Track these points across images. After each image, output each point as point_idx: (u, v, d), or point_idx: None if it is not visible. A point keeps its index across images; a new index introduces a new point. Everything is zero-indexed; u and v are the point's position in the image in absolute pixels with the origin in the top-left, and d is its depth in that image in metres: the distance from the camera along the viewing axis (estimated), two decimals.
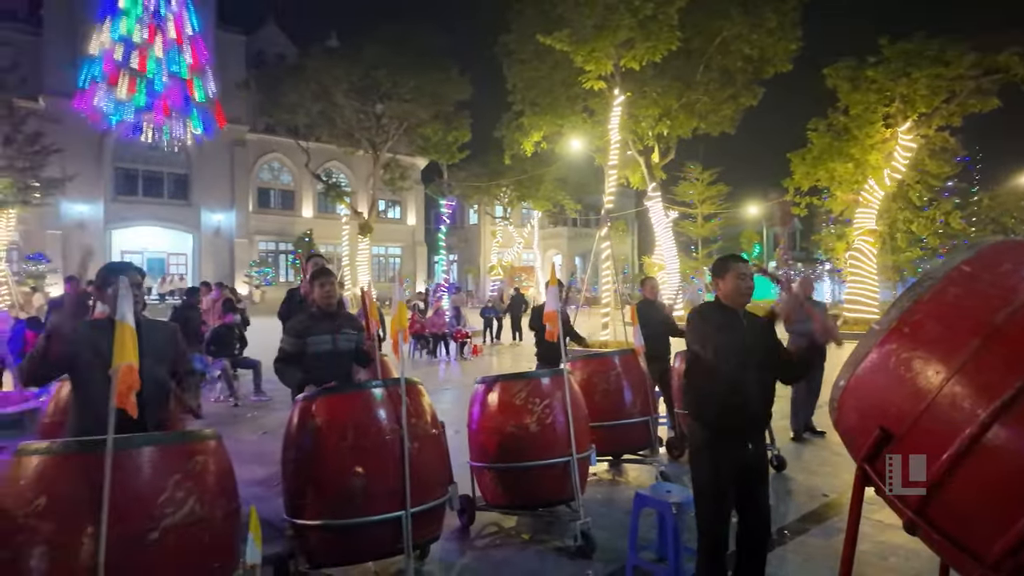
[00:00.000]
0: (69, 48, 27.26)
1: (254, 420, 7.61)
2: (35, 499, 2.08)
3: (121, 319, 2.25)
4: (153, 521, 2.12)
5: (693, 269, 34.81)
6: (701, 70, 17.90)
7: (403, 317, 3.28)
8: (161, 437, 2.36)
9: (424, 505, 2.98)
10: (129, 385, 2.20)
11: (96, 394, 2.67)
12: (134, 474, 2.17)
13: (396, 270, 40.81)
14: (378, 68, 25.90)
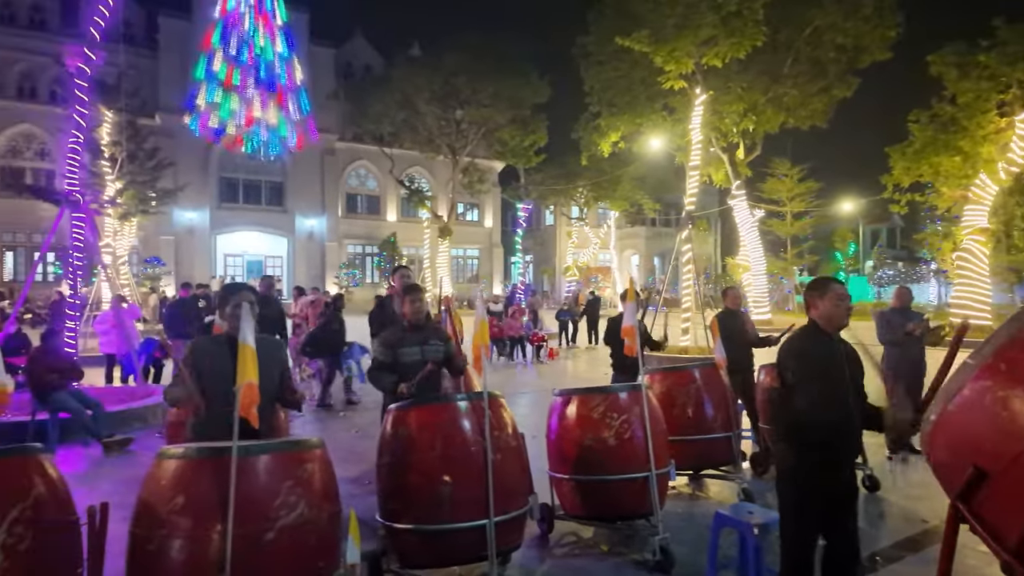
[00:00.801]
0: (181, 68, 29.78)
1: (346, 419, 8.08)
2: (174, 497, 2.39)
3: (243, 340, 2.54)
4: (270, 522, 2.39)
5: (782, 269, 33.24)
6: (789, 63, 17.12)
7: (485, 333, 3.44)
8: (277, 445, 2.63)
9: (507, 515, 3.13)
10: (251, 400, 2.49)
11: (212, 401, 3.02)
12: (254, 479, 2.44)
13: (474, 271, 41.65)
14: (458, 75, 26.57)
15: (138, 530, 2.45)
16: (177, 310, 9.43)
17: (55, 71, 26.64)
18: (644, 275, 41.96)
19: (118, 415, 7.30)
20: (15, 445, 2.55)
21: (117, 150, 20.37)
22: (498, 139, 29.35)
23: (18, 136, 30.20)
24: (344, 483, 5.03)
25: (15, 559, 2.16)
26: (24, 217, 27.79)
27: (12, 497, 2.22)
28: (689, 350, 13.05)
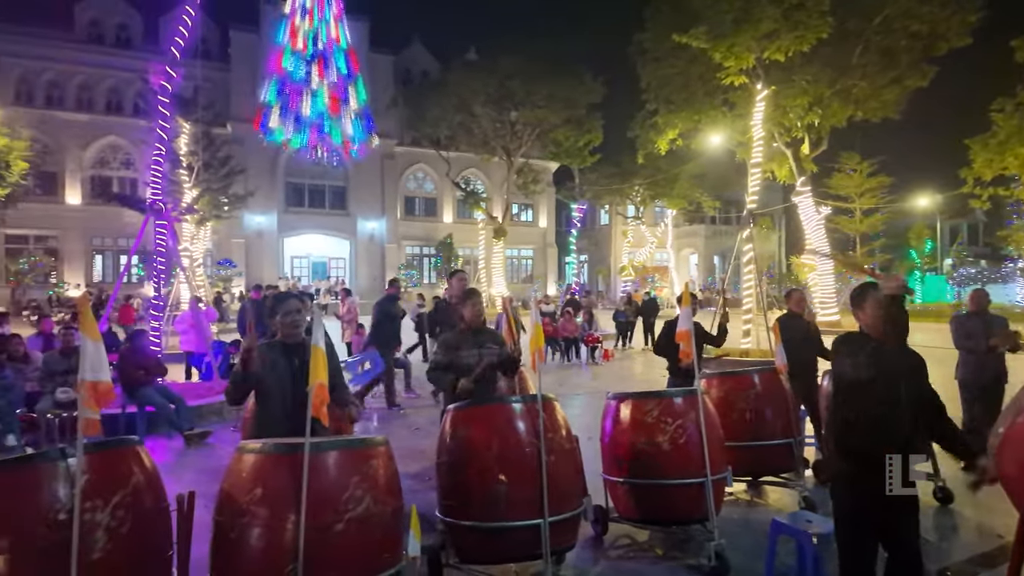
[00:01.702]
0: (250, 78, 31.30)
1: (406, 417, 8.34)
2: (253, 489, 2.59)
3: (315, 343, 2.72)
4: (339, 514, 2.55)
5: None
6: (858, 53, 16.37)
7: (540, 337, 3.52)
8: (345, 443, 2.81)
9: (560, 515, 3.20)
10: (322, 400, 2.67)
11: (273, 402, 3.21)
12: (324, 474, 2.61)
13: (528, 272, 41.81)
14: (513, 78, 26.78)
15: (221, 518, 2.66)
16: (249, 311, 9.97)
17: (138, 86, 28.55)
18: (703, 275, 41.00)
19: (197, 409, 7.81)
20: (116, 437, 2.82)
21: (194, 159, 21.68)
22: (552, 140, 29.40)
23: (106, 148, 32.51)
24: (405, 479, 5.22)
25: (117, 540, 2.40)
26: (111, 223, 29.96)
27: (115, 484, 2.46)
28: (751, 352, 12.71)
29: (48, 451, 2.42)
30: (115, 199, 17.34)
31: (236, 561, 2.57)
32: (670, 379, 5.67)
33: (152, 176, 8.88)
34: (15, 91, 29.95)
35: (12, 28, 29.47)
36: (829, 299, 20.01)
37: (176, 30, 8.91)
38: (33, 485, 2.32)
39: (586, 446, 3.99)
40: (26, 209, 25.58)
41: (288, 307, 3.22)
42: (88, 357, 2.52)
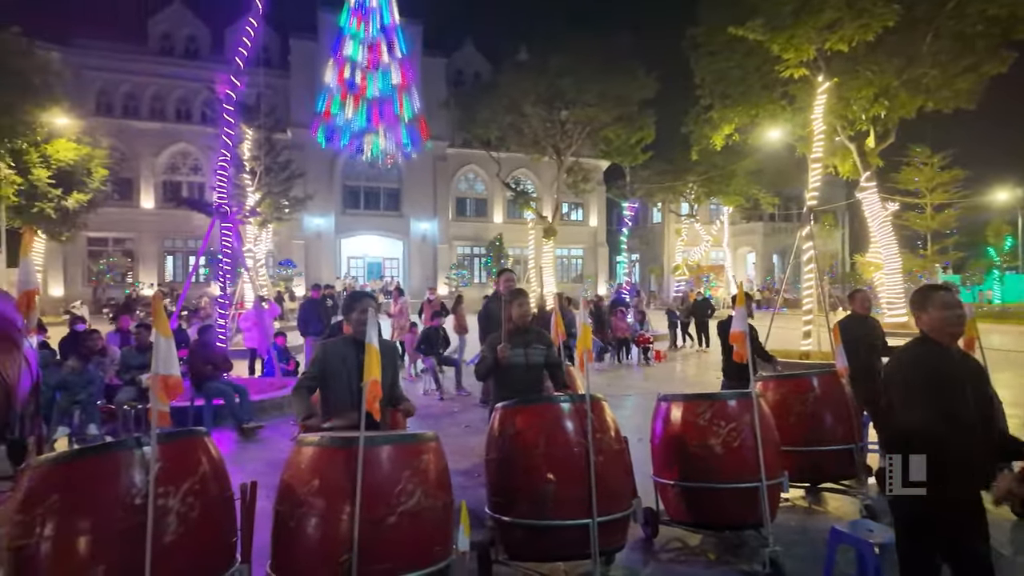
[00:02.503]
0: (309, 85, 32.34)
1: (457, 414, 8.47)
2: (311, 481, 2.71)
3: (369, 341, 2.82)
4: (391, 507, 2.63)
5: (920, 267, 30.11)
6: (928, 40, 15.47)
7: (587, 337, 3.52)
8: (397, 437, 2.89)
9: (609, 516, 3.19)
10: (375, 395, 2.76)
11: (337, 395, 3.36)
12: (378, 467, 2.70)
13: (578, 271, 41.58)
14: (563, 77, 26.68)
15: (281, 507, 2.79)
16: (309, 309, 10.38)
17: (205, 95, 30.11)
18: (761, 274, 39.75)
19: (259, 404, 8.16)
20: (186, 428, 2.99)
21: (257, 164, 22.64)
22: (603, 138, 29.12)
23: (176, 154, 34.36)
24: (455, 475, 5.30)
25: (187, 525, 2.55)
26: (181, 226, 31.73)
27: (185, 472, 2.62)
28: (811, 355, 12.24)
29: (125, 440, 2.59)
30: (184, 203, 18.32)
31: (294, 550, 2.69)
32: (724, 381, 5.55)
33: (218, 181, 9.38)
34: (96, 102, 31.99)
35: (94, 44, 31.59)
36: (897, 300, 19.02)
37: (240, 40, 9.34)
38: (112, 471, 2.50)
39: (636, 447, 3.96)
40: (105, 213, 27.29)
41: (363, 306, 3.37)
42: (160, 353, 2.69)
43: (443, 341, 10.51)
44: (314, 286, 11.49)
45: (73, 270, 31.44)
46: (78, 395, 6.73)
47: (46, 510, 2.40)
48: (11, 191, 19.44)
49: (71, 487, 2.46)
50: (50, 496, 2.43)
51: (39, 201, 21.21)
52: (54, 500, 2.42)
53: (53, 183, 21.28)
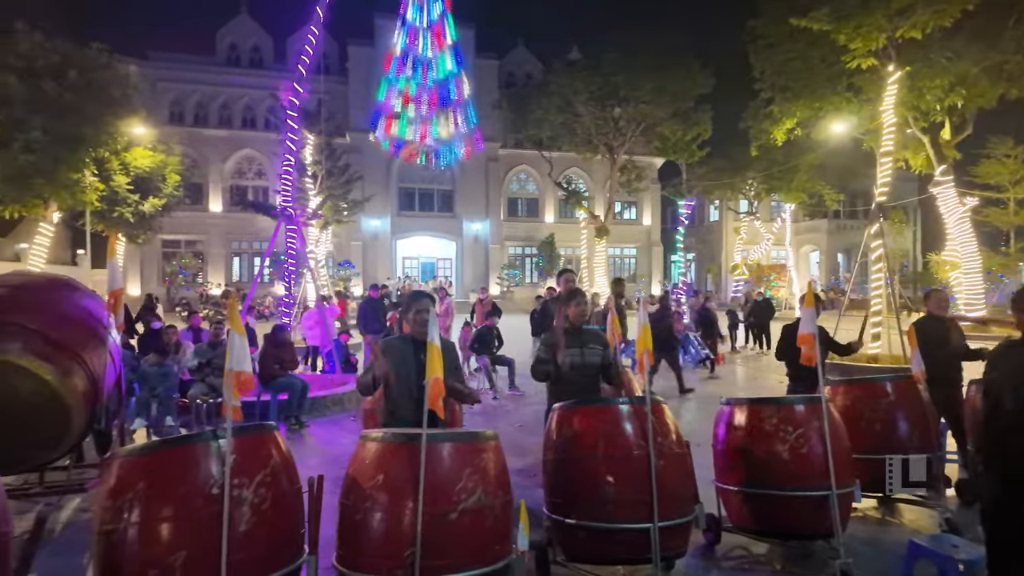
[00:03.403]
0: (366, 90, 33.20)
1: (511, 413, 8.50)
2: (375, 475, 2.77)
3: (431, 340, 2.87)
4: (453, 504, 2.67)
5: (1002, 266, 28.18)
6: (1012, 22, 14.45)
7: (647, 338, 3.46)
8: (459, 435, 2.93)
9: (671, 521, 3.13)
10: (438, 393, 2.80)
11: (400, 392, 3.44)
12: (439, 464, 2.74)
13: (632, 271, 41.01)
14: (616, 74, 26.40)
15: (347, 501, 2.87)
16: (368, 309, 10.66)
17: (269, 102, 31.40)
18: (826, 273, 38.17)
19: (320, 400, 8.44)
20: (258, 423, 3.12)
21: (318, 168, 23.40)
22: (658, 135, 28.62)
23: (242, 160, 35.97)
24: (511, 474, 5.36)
25: (259, 515, 2.66)
26: (247, 228, 33.30)
27: (257, 464, 2.73)
28: (880, 358, 11.66)
29: (203, 433, 2.73)
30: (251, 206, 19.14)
31: (360, 542, 2.76)
32: (790, 385, 5.35)
33: (283, 185, 9.77)
34: (169, 112, 33.87)
35: (168, 57, 33.49)
36: (976, 300, 17.85)
37: (302, 49, 9.68)
38: (192, 462, 2.63)
39: (695, 452, 3.86)
40: (178, 217, 28.82)
41: (421, 305, 3.44)
42: (234, 350, 2.81)
43: (497, 340, 10.57)
44: (372, 286, 11.80)
45: (149, 271, 33.39)
46: (156, 389, 7.13)
47: (132, 497, 2.56)
48: (95, 197, 20.77)
49: (155, 476, 2.61)
50: (136, 484, 2.58)
51: (119, 206, 22.60)
52: (140, 488, 2.57)
53: (131, 189, 22.63)
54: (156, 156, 24.38)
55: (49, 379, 4.37)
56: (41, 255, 21.33)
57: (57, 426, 4.55)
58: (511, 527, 2.89)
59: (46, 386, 4.38)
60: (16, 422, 4.38)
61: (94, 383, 4.76)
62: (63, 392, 4.43)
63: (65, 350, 4.54)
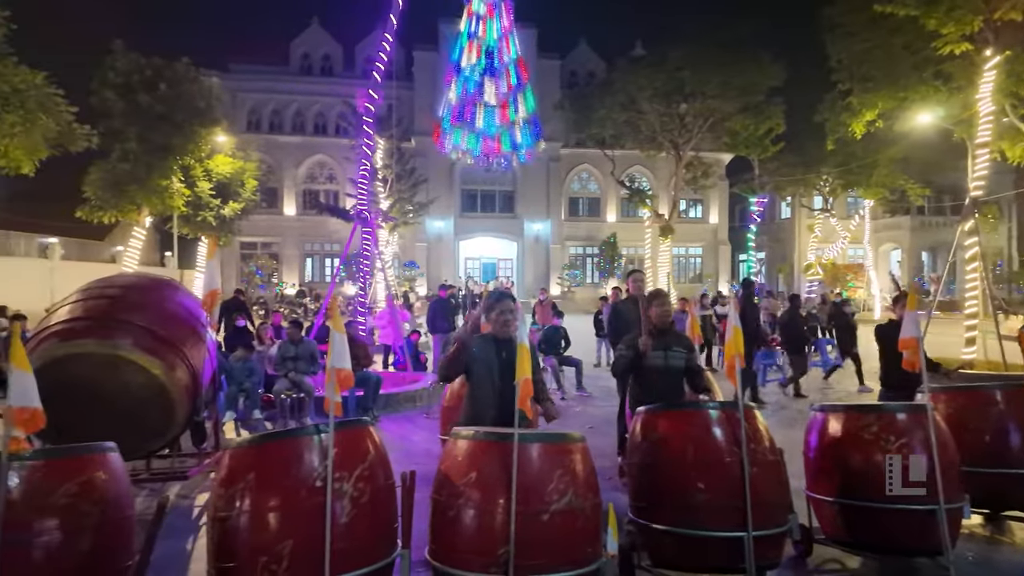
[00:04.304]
0: (431, 95, 33.90)
1: (580, 415, 8.46)
2: (468, 472, 2.83)
3: (521, 341, 2.90)
4: (544, 504, 2.68)
5: None
6: None
7: (739, 340, 3.36)
8: (548, 436, 2.94)
9: (765, 530, 3.04)
10: (528, 393, 2.83)
11: (483, 391, 3.48)
12: (530, 464, 2.76)
13: (697, 270, 39.96)
14: (682, 69, 25.81)
15: (438, 497, 2.94)
16: (437, 309, 10.88)
17: (339, 108, 32.61)
18: (908, 273, 35.94)
19: (393, 396, 8.68)
20: (354, 418, 3.24)
21: (388, 172, 24.08)
22: (727, 130, 27.80)
23: (314, 165, 37.45)
24: None
25: (358, 508, 2.76)
26: (319, 230, 34.76)
27: (356, 458, 2.84)
28: (975, 364, 10.87)
29: (306, 427, 2.86)
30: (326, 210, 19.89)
31: (453, 539, 2.82)
32: (882, 392, 5.07)
33: (359, 189, 10.12)
34: (247, 120, 35.66)
35: (246, 68, 35.32)
36: None
37: (376, 56, 9.98)
38: (297, 455, 2.76)
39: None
40: (255, 220, 30.26)
41: (504, 306, 3.47)
42: (335, 348, 2.93)
43: (564, 341, 10.54)
44: (441, 286, 12.03)
45: (228, 272, 35.23)
46: (243, 383, 7.53)
47: (244, 487, 2.71)
48: (181, 202, 22.16)
49: (263, 467, 2.75)
50: (247, 474, 2.73)
51: (202, 210, 23.99)
52: (250, 478, 2.72)
53: (213, 194, 23.99)
54: (236, 162, 25.76)
55: (157, 373, 4.70)
56: (134, 257, 22.93)
57: (163, 417, 4.88)
58: (600, 530, 2.88)
59: (154, 380, 4.71)
60: (127, 413, 4.72)
61: (195, 377, 5.08)
62: (169, 385, 4.75)
63: (170, 346, 4.87)
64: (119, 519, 2.77)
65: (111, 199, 20.10)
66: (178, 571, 3.74)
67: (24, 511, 2.48)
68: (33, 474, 2.57)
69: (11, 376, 2.64)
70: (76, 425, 3.94)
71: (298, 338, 7.94)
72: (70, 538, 2.55)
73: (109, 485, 2.76)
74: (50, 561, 2.50)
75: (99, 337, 4.66)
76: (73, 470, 2.67)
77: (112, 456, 2.87)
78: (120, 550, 2.77)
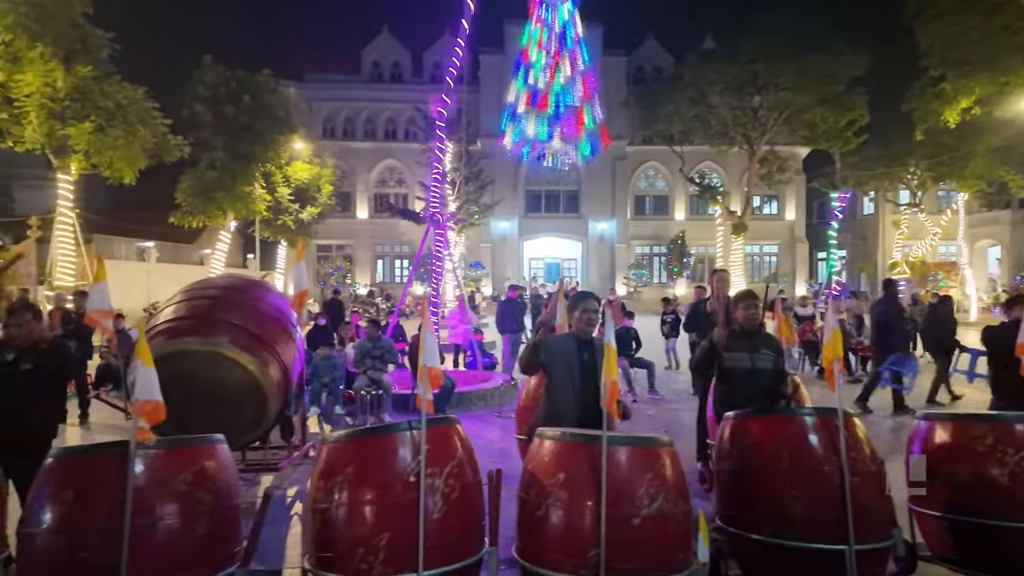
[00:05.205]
0: (497, 98, 34.18)
1: (652, 418, 8.31)
2: (556, 473, 2.83)
3: (607, 342, 2.88)
4: (635, 508, 2.66)
5: None
6: None
7: (838, 344, 3.21)
8: (636, 439, 2.91)
9: (868, 544, 2.89)
10: (614, 395, 2.81)
11: (562, 392, 3.48)
12: (619, 467, 2.74)
13: (772, 269, 38.40)
14: (755, 61, 24.90)
15: (525, 496, 2.95)
16: (506, 309, 10.97)
17: (408, 113, 33.49)
18: (1009, 271, 33.15)
19: (466, 395, 8.81)
20: (444, 416, 3.31)
21: (456, 175, 24.53)
22: (805, 122, 26.58)
23: (385, 169, 38.63)
24: None
25: (449, 504, 2.83)
26: (390, 232, 35.98)
27: (445, 456, 2.91)
28: None
29: (400, 423, 2.94)
30: (399, 213, 20.49)
31: (541, 538, 2.83)
32: (994, 400, 4.71)
33: (431, 192, 10.36)
34: (322, 128, 37.19)
35: (320, 78, 36.89)
36: None
37: (449, 61, 10.18)
38: (391, 450, 2.86)
39: None
40: (330, 224, 31.58)
41: (586, 306, 3.47)
42: (426, 347, 3.01)
43: (634, 342, 10.37)
44: (510, 287, 12.11)
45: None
46: (325, 380, 7.85)
47: (342, 480, 2.83)
48: (263, 207, 23.38)
49: (360, 461, 2.86)
50: (344, 468, 2.85)
51: (282, 215, 25.22)
52: (348, 472, 2.83)
53: (292, 199, 25.17)
54: (313, 168, 26.95)
55: (252, 369, 4.98)
56: (220, 259, 24.39)
57: (257, 411, 5.17)
58: (691, 537, 2.82)
59: (250, 376, 4.99)
60: (225, 407, 5.02)
61: (286, 374, 5.35)
62: (263, 381, 5.02)
63: (264, 344, 5.15)
64: (228, 507, 2.95)
65: (200, 205, 21.47)
66: (275, 557, 3.95)
67: (149, 496, 2.68)
68: (156, 462, 2.78)
69: (136, 371, 2.86)
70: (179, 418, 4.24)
71: (376, 336, 8.21)
72: (188, 523, 2.74)
73: (220, 474, 2.94)
74: (171, 544, 2.69)
75: (201, 335, 4.98)
76: (189, 459, 2.87)
77: (222, 447, 3.06)
78: (230, 536, 2.96)
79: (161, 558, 2.65)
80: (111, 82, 15.63)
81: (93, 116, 15.02)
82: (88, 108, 14.98)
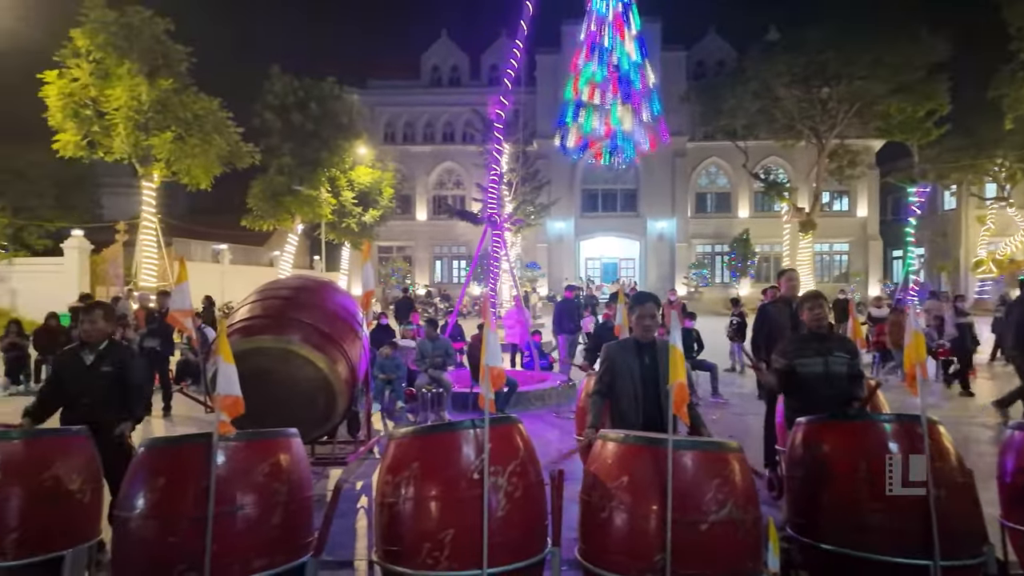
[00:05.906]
0: (553, 98, 34.14)
1: (716, 422, 8.08)
2: (620, 476, 2.81)
3: (674, 344, 2.83)
4: (703, 514, 2.60)
5: None
6: None
7: (921, 347, 3.04)
8: (703, 444, 2.86)
9: (955, 560, 2.72)
10: (683, 399, 2.76)
11: (624, 394, 3.44)
12: (685, 471, 2.69)
13: (843, 269, 36.62)
14: (824, 51, 23.83)
15: (588, 497, 2.94)
16: (563, 309, 10.94)
17: (466, 116, 33.95)
18: None
19: (524, 395, 8.84)
20: (507, 415, 3.34)
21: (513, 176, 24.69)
22: (879, 113, 25.22)
23: (443, 172, 39.29)
24: None
25: (512, 503, 2.85)
26: (448, 234, 36.57)
27: (508, 455, 2.93)
28: None
29: (464, 421, 2.99)
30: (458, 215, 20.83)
31: (605, 541, 2.80)
32: None
33: (488, 193, 10.48)
34: (383, 133, 38.19)
35: (382, 84, 37.93)
36: None
37: (507, 63, 10.25)
38: (456, 447, 2.91)
39: None
40: (391, 226, 32.40)
41: (645, 309, 3.43)
42: (489, 347, 3.05)
43: (696, 344, 10.12)
44: (567, 287, 12.07)
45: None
46: (389, 376, 8.07)
47: (408, 475, 2.90)
48: (328, 210, 24.24)
49: (427, 457, 2.93)
50: (411, 464, 2.92)
51: (346, 218, 26.07)
52: (414, 468, 2.90)
53: (356, 202, 25.98)
54: (375, 173, 27.74)
55: (322, 366, 5.17)
56: (288, 261, 25.46)
57: (326, 407, 5.37)
58: (761, 545, 2.74)
59: (319, 373, 5.19)
60: (296, 402, 5.23)
61: (353, 371, 5.53)
62: (332, 378, 5.21)
63: (333, 342, 5.34)
64: (302, 498, 3.08)
65: (270, 209, 22.49)
66: (344, 549, 4.09)
67: (230, 486, 2.84)
68: (236, 453, 2.93)
69: (218, 367, 3.04)
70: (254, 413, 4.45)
71: (434, 335, 8.37)
72: (265, 512, 2.88)
73: (294, 467, 3.07)
74: (250, 531, 2.83)
75: (274, 333, 5.21)
76: (267, 451, 3.01)
77: (296, 441, 3.20)
78: (303, 526, 3.08)
79: (241, 545, 2.79)
80: (189, 94, 16.63)
81: (173, 126, 16.01)
82: (169, 119, 15.99)
